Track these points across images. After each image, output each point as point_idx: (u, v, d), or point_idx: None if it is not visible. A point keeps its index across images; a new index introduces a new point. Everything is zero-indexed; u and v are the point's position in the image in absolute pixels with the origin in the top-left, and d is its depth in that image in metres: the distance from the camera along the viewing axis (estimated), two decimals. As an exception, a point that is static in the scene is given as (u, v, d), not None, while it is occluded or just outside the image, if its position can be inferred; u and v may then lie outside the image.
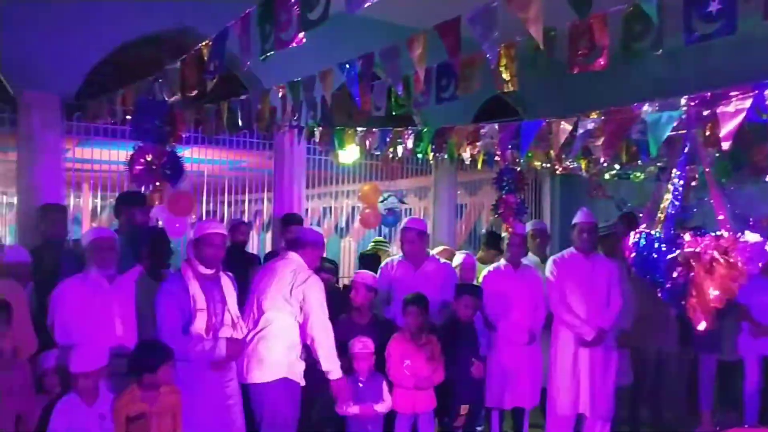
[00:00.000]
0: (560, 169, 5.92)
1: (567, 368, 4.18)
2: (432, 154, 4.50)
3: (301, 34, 2.25)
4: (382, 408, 3.64)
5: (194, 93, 3.20)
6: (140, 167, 3.70)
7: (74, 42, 4.85)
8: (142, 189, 3.86)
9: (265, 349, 3.37)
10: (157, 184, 3.76)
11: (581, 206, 4.56)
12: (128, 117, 4.19)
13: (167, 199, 4.83)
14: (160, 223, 4.98)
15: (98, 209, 8.99)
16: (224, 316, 3.28)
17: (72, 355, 2.87)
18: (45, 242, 3.88)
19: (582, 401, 4.16)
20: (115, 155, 5.28)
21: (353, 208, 8.87)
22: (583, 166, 5.40)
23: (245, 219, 6.35)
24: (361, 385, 3.64)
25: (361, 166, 7.24)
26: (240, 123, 4.00)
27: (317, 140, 4.71)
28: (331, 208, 10.10)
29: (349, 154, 5.91)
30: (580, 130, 3.04)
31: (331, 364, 3.40)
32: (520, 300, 4.29)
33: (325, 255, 4.34)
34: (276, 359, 3.37)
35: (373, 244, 5.78)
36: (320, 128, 4.54)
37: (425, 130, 4.13)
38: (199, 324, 3.17)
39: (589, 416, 4.18)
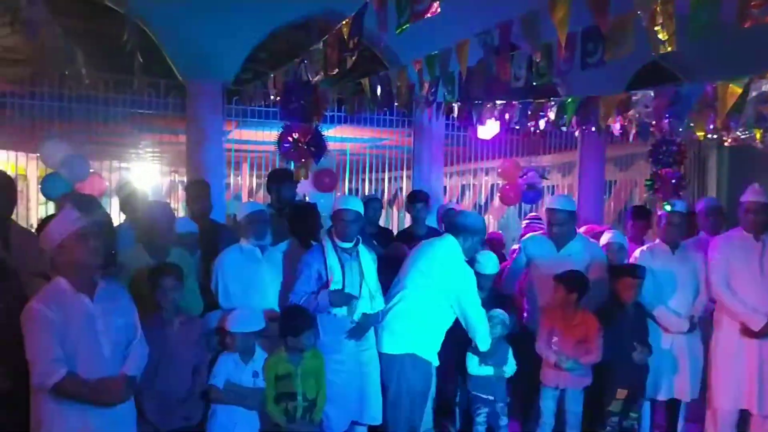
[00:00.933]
0: (729, 139, 5.27)
1: (730, 360, 3.77)
2: (577, 126, 4.24)
3: (436, 4, 2.22)
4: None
5: (335, 72, 3.31)
6: (287, 145, 3.93)
7: (232, 32, 5.26)
8: (291, 166, 4.08)
9: (397, 323, 3.46)
10: (303, 160, 3.95)
11: (753, 182, 4.02)
12: (278, 99, 4.45)
13: (313, 176, 5.12)
14: (306, 198, 5.30)
15: (255, 187, 9.68)
16: (361, 288, 3.41)
17: (232, 317, 3.15)
18: (192, 215, 4.15)
19: (747, 397, 3.74)
20: (269, 136, 5.66)
21: (493, 186, 8.71)
22: (757, 135, 4.76)
23: (385, 197, 6.48)
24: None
25: (501, 142, 7.06)
26: (379, 100, 4.07)
27: (455, 116, 4.65)
28: (470, 185, 10.01)
29: (488, 129, 5.80)
30: (753, 93, 2.67)
31: (484, 345, 3.53)
32: (680, 284, 3.93)
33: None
34: (407, 334, 3.44)
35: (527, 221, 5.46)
36: (458, 103, 4.48)
37: (569, 100, 3.89)
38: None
39: (756, 413, 3.75)
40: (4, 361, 2.51)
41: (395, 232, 5.45)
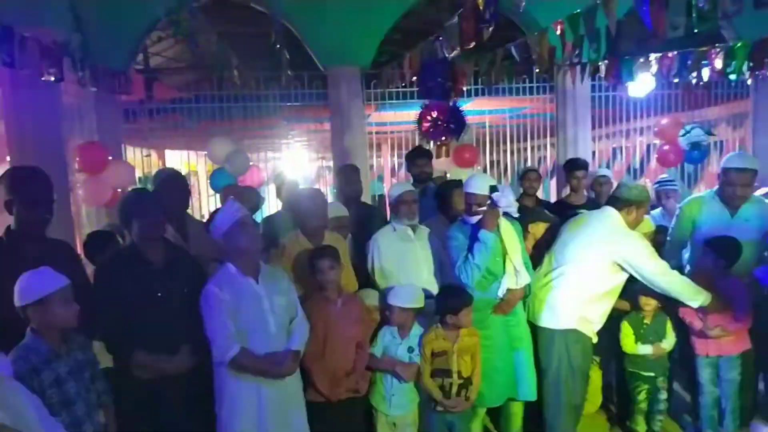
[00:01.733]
0: None
1: None
2: (749, 73, 3.71)
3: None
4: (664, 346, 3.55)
5: (472, 45, 3.23)
6: (427, 124, 3.92)
7: (367, 16, 5.35)
8: (430, 144, 4.08)
9: (557, 298, 3.34)
10: (443, 138, 3.93)
11: None
12: (414, 79, 4.47)
13: (453, 152, 5.08)
14: (448, 175, 5.29)
15: (396, 167, 9.85)
16: (505, 264, 3.34)
17: (394, 292, 3.25)
18: (345, 198, 4.29)
19: None
20: (408, 116, 5.73)
21: (649, 146, 8.03)
22: None
23: (531, 166, 6.26)
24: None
25: (656, 98, 6.46)
26: (518, 68, 3.91)
27: (603, 75, 4.32)
28: (621, 148, 9.30)
29: (640, 85, 5.33)
30: None
31: (695, 302, 3.35)
32: None
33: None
34: (568, 310, 3.31)
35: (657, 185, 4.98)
36: (605, 61, 4.16)
37: (739, 45, 3.42)
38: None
39: None
40: (190, 339, 2.83)
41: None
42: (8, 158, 3.50)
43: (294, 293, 2.89)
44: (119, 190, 4.70)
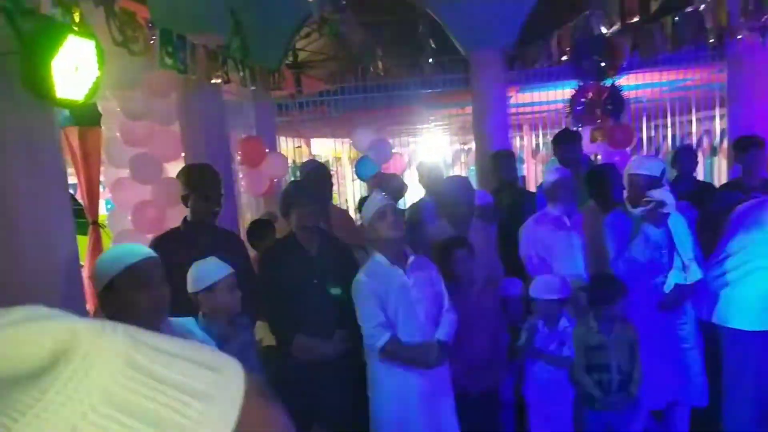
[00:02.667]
0: None
1: None
2: None
3: None
4: None
5: (635, 18, 2.96)
6: (580, 107, 3.68)
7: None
8: (579, 127, 3.83)
9: (749, 296, 2.96)
10: (599, 121, 3.67)
11: None
12: (564, 57, 4.23)
13: (605, 133, 4.75)
14: (598, 158, 4.96)
15: (534, 147, 9.51)
16: (672, 258, 3.05)
17: (535, 284, 3.15)
18: (500, 184, 4.25)
19: None
20: (551, 95, 5.47)
21: None
22: None
23: (692, 142, 5.67)
24: None
25: None
26: (686, 36, 3.51)
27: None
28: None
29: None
30: None
31: None
32: None
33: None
34: (761, 309, 2.93)
35: None
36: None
37: None
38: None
39: None
40: (345, 325, 2.96)
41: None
42: (183, 154, 3.89)
43: (442, 283, 2.89)
44: (275, 180, 5.04)
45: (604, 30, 3.43)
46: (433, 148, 10.94)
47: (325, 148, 10.77)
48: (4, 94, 1.80)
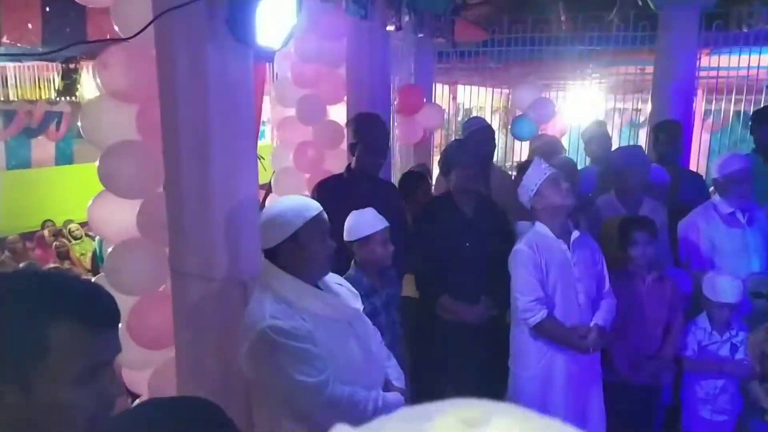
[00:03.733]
0: None
1: None
2: None
3: None
4: None
5: None
6: None
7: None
8: None
9: None
10: None
11: None
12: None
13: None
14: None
15: (708, 113, 8.58)
16: None
17: (708, 281, 2.85)
18: (659, 160, 3.75)
19: None
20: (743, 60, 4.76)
21: None
22: None
23: None
24: None
25: None
26: None
27: None
28: None
29: None
30: None
31: None
32: None
33: None
34: None
35: None
36: None
37: None
38: None
39: None
40: (491, 292, 2.87)
41: None
42: (345, 98, 3.92)
43: (604, 264, 2.69)
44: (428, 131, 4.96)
45: None
46: (586, 106, 10.07)
47: (473, 97, 10.43)
48: (212, 36, 1.86)
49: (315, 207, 1.86)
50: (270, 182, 4.32)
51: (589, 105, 9.83)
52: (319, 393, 1.72)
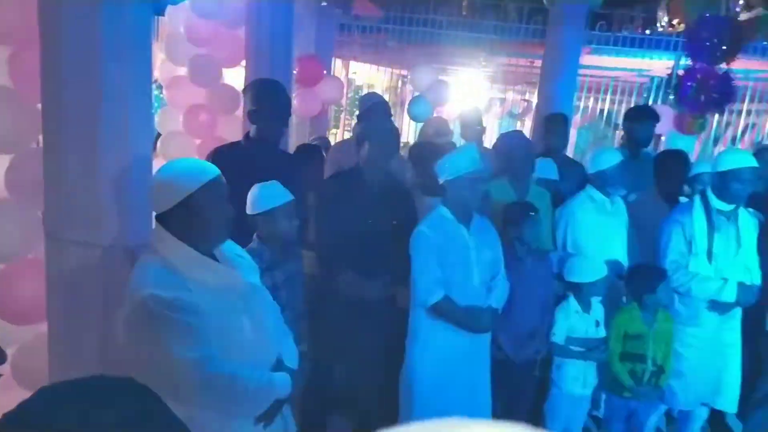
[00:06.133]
0: None
1: None
2: None
3: None
4: None
5: None
6: (688, 91, 3.43)
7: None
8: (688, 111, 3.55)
9: None
10: (702, 111, 3.42)
11: None
12: (671, 29, 3.93)
13: (674, 115, 4.50)
14: (662, 140, 4.75)
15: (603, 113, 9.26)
16: (736, 258, 2.94)
17: (570, 266, 3.05)
18: (547, 150, 4.01)
19: None
20: (628, 63, 5.17)
21: None
22: None
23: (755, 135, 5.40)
24: None
25: None
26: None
27: None
28: None
29: None
30: None
31: None
32: None
33: None
34: None
35: None
36: None
37: None
38: (700, 262, 2.96)
39: None
40: (389, 270, 2.89)
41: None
42: (243, 63, 3.72)
43: (500, 248, 2.80)
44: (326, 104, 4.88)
45: (739, 11, 3.14)
46: (468, 94, 10.41)
47: (367, 77, 10.45)
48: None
49: (212, 170, 1.73)
50: (154, 145, 4.02)
51: (472, 93, 10.20)
52: (197, 370, 1.61)
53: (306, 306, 2.77)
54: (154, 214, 1.75)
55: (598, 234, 3.25)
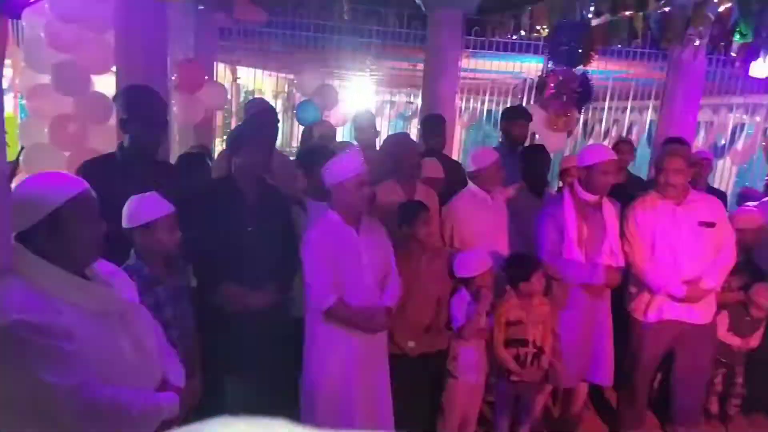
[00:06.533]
0: None
1: None
2: None
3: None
4: None
5: (628, 12, 2.97)
6: (552, 91, 3.69)
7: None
8: (553, 111, 3.82)
9: None
10: (566, 109, 3.70)
11: None
12: (535, 34, 4.20)
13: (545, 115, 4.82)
14: (536, 137, 5.06)
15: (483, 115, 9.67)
16: (603, 244, 3.21)
17: (459, 261, 3.18)
18: (427, 150, 4.12)
19: None
20: (504, 66, 5.46)
21: (740, 126, 7.54)
22: None
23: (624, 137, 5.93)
24: None
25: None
26: (650, 35, 3.60)
27: (735, 53, 3.96)
28: (711, 123, 8.71)
29: (764, 66, 4.88)
30: None
31: None
32: None
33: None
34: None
35: None
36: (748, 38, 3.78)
37: None
38: (572, 249, 3.18)
39: None
40: (276, 278, 2.85)
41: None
42: (114, 68, 3.51)
43: (390, 248, 2.85)
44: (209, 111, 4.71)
45: (592, 17, 3.42)
46: (360, 97, 10.57)
47: (255, 82, 10.24)
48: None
49: (78, 184, 1.61)
50: (17, 159, 3.68)
51: (364, 96, 10.34)
52: (75, 397, 1.50)
53: (194, 321, 2.65)
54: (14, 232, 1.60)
55: (481, 229, 3.41)
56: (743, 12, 2.96)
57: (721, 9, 3.07)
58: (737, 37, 3.44)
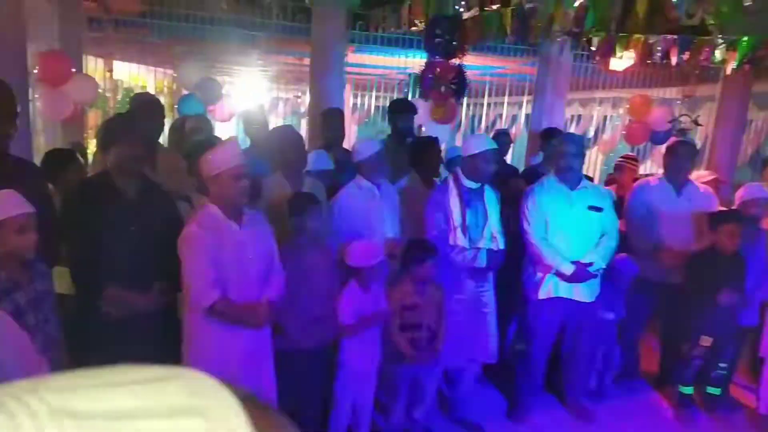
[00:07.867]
0: None
1: None
2: (750, 66, 3.82)
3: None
4: None
5: (496, 6, 3.13)
6: (429, 82, 3.81)
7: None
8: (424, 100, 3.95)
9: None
10: (444, 98, 3.83)
11: None
12: (413, 28, 4.31)
13: (429, 107, 4.99)
14: (423, 130, 5.22)
15: (355, 106, 9.74)
16: (484, 229, 3.38)
17: (351, 251, 3.19)
18: (327, 142, 4.19)
19: None
20: (389, 61, 5.55)
21: (606, 117, 8.24)
22: None
23: (503, 128, 6.27)
24: None
25: (629, 74, 6.55)
26: (519, 32, 3.83)
27: (594, 48, 4.32)
28: (580, 116, 9.45)
29: (621, 61, 5.37)
30: None
31: None
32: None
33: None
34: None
35: (621, 159, 5.15)
36: (603, 35, 4.14)
37: (744, 40, 3.48)
38: (458, 235, 3.32)
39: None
40: (162, 277, 2.73)
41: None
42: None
43: (274, 241, 2.81)
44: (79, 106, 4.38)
45: (464, 11, 3.57)
46: (251, 93, 10.33)
47: (131, 75, 9.67)
48: None
49: None
50: None
51: (255, 92, 10.10)
52: None
53: (62, 328, 2.47)
54: None
55: (369, 219, 3.45)
56: (595, 7, 3.24)
57: (576, 4, 3.33)
58: (593, 33, 3.75)
